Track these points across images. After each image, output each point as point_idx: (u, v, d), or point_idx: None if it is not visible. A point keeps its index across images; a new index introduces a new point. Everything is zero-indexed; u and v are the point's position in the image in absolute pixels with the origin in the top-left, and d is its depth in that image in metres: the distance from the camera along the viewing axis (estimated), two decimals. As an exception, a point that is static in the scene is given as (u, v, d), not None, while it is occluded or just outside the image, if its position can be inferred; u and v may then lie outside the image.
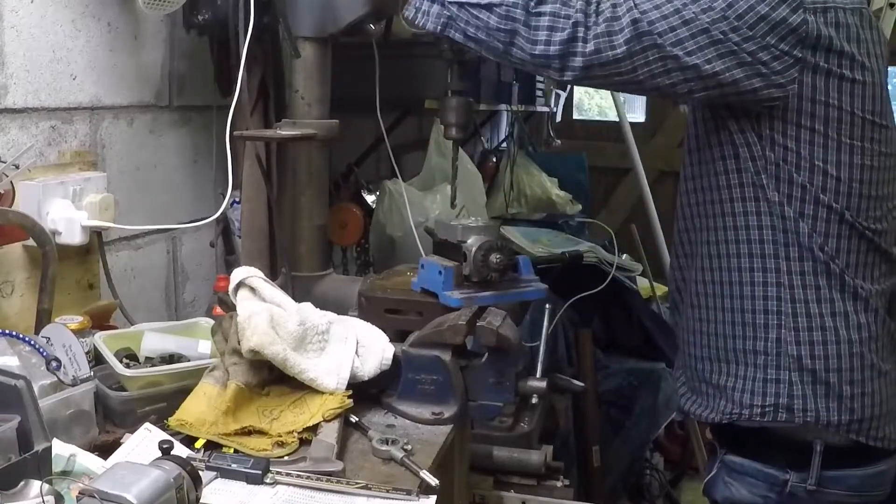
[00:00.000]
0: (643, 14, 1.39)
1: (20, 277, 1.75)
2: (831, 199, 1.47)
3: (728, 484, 1.59)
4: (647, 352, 3.11)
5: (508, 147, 4.08)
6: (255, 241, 2.07)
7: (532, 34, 1.42)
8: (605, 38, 1.40)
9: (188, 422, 1.36)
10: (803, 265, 1.49)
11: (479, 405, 1.52)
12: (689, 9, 1.39)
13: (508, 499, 1.83)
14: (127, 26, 2.05)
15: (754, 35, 1.39)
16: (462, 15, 1.48)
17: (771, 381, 1.52)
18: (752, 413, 1.54)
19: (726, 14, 1.38)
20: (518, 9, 1.43)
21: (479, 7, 1.46)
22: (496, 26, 1.45)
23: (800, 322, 1.50)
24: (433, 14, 1.52)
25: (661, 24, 1.39)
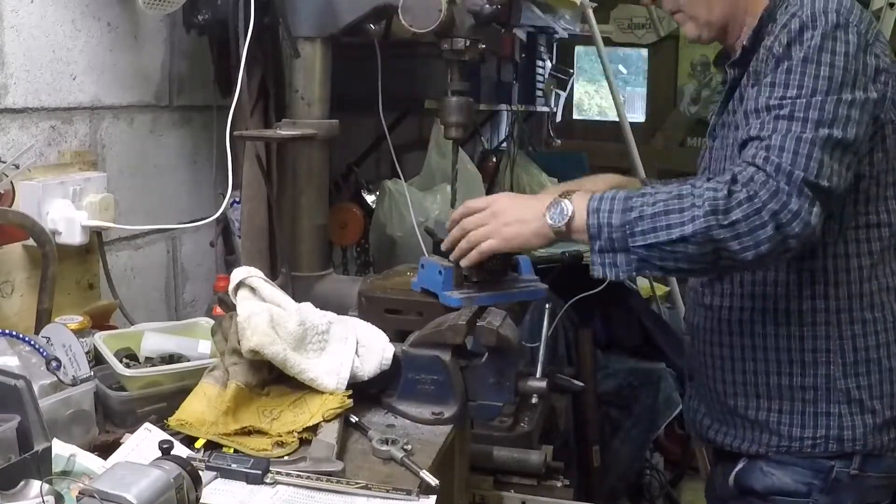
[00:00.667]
0: (808, 162, 1.35)
1: (20, 277, 1.75)
2: (886, 232, 1.53)
3: (768, 473, 1.60)
4: (647, 352, 3.11)
5: (508, 147, 4.08)
6: (255, 241, 2.07)
7: (737, 244, 1.34)
8: (804, 211, 1.34)
9: (188, 422, 1.36)
10: (852, 302, 1.53)
11: (479, 405, 1.52)
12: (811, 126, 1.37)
13: (508, 499, 1.83)
14: (127, 26, 2.05)
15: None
16: (654, 255, 1.39)
17: (821, 414, 1.55)
18: (802, 445, 1.56)
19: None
20: (712, 230, 1.34)
21: (672, 243, 1.37)
22: (697, 253, 1.37)
23: (848, 357, 1.54)
24: (622, 264, 1.42)
25: (823, 160, 1.36)
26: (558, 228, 1.46)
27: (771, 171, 1.35)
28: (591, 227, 1.43)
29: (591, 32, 3.68)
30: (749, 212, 1.33)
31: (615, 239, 1.41)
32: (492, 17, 1.80)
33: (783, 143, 1.36)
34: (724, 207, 1.34)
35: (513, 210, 1.53)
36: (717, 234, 1.34)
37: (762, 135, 1.39)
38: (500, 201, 1.57)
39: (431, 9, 1.73)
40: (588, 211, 1.43)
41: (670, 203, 1.38)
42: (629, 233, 1.39)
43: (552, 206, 1.47)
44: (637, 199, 1.41)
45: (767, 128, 1.39)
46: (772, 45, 1.45)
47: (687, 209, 1.36)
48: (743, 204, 1.34)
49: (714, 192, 1.35)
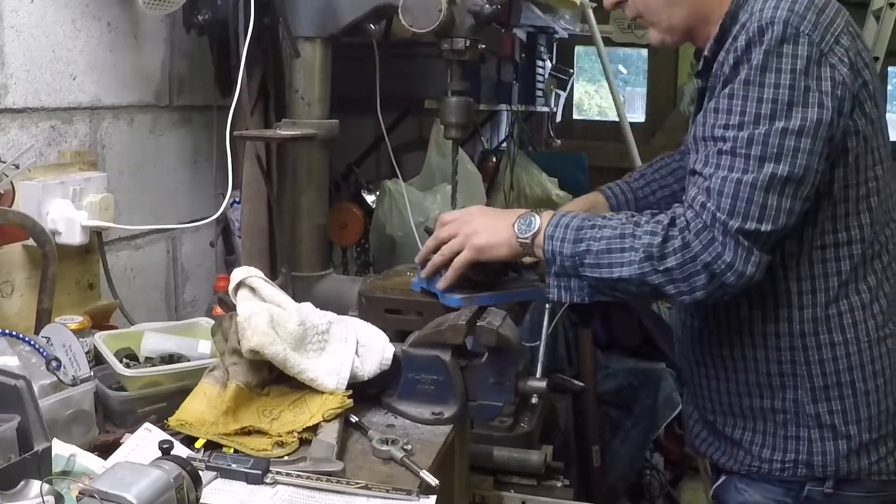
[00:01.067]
0: (733, 214, 1.33)
1: (20, 277, 1.75)
2: (858, 250, 1.46)
3: (741, 490, 1.58)
4: (647, 352, 3.11)
5: (508, 147, 4.08)
6: (255, 241, 2.07)
7: (673, 289, 1.37)
8: (738, 262, 1.33)
9: (188, 422, 1.36)
10: (817, 325, 1.48)
11: (479, 405, 1.52)
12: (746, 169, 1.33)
13: (508, 499, 1.82)
14: (127, 26, 2.05)
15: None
16: (603, 286, 1.44)
17: (791, 437, 1.52)
18: (771, 468, 1.54)
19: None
20: (647, 276, 1.37)
21: (613, 281, 1.41)
22: (637, 291, 1.42)
23: (816, 381, 1.49)
24: (576, 288, 1.47)
25: (749, 204, 1.33)
26: (524, 240, 1.50)
27: (707, 219, 1.34)
28: (546, 251, 1.47)
29: (591, 32, 3.68)
30: (682, 260, 1.35)
31: (567, 266, 1.45)
32: (492, 17, 1.80)
33: (722, 186, 1.34)
34: (659, 254, 1.36)
35: (483, 220, 1.57)
36: (651, 279, 1.37)
37: (705, 172, 1.37)
38: (471, 213, 1.60)
39: (431, 9, 1.73)
40: (544, 236, 1.48)
41: (613, 242, 1.40)
42: (579, 263, 1.44)
43: (522, 217, 1.51)
44: (588, 230, 1.44)
45: (710, 164, 1.36)
46: (724, 59, 1.39)
47: (627, 250, 1.39)
48: (677, 252, 1.35)
49: (651, 238, 1.37)
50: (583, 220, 1.46)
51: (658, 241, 1.36)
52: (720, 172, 1.35)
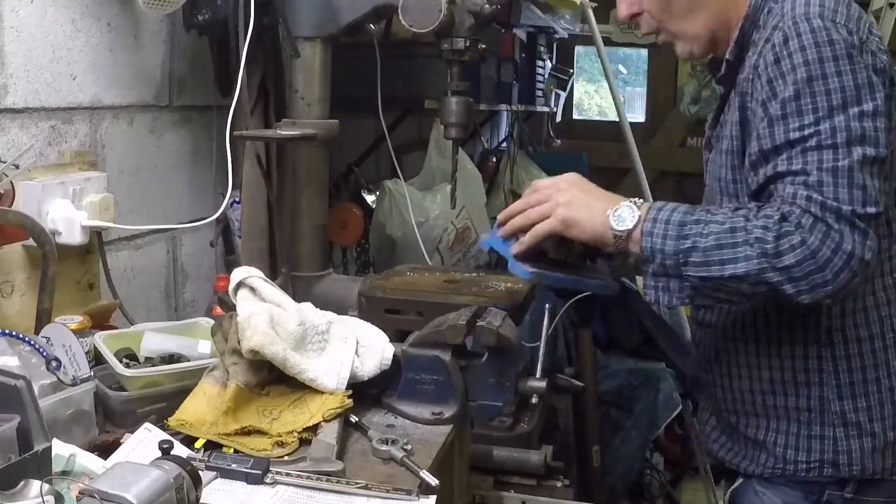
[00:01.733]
0: (846, 202, 1.28)
1: (20, 277, 1.75)
2: (885, 244, 1.43)
3: (760, 494, 1.57)
4: (647, 352, 3.11)
5: (508, 147, 4.08)
6: (255, 241, 2.07)
7: (792, 288, 1.28)
8: (857, 248, 1.27)
9: (188, 422, 1.36)
10: (845, 321, 1.46)
11: (479, 405, 1.52)
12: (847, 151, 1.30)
13: (508, 499, 1.82)
14: (127, 26, 2.05)
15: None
16: (708, 286, 1.33)
17: (815, 437, 1.50)
18: (796, 469, 1.51)
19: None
20: (765, 273, 1.28)
21: (725, 280, 1.30)
22: (751, 291, 1.32)
23: (842, 378, 1.48)
24: (675, 290, 1.36)
25: (851, 192, 1.28)
26: (619, 233, 1.38)
27: (817, 211, 1.28)
28: (644, 249, 1.36)
29: (591, 32, 3.68)
30: (801, 258, 1.27)
31: (668, 266, 1.34)
32: (492, 17, 1.80)
33: (822, 177, 1.29)
34: (774, 251, 1.27)
35: (580, 195, 1.44)
36: (769, 276, 1.28)
37: (795, 169, 1.31)
38: (570, 181, 1.47)
39: (431, 9, 1.73)
40: (642, 232, 1.36)
41: (723, 238, 1.31)
42: (682, 262, 1.33)
43: (621, 207, 1.39)
44: (692, 226, 1.34)
45: (798, 162, 1.31)
46: (756, 62, 1.38)
47: (741, 245, 1.29)
48: (795, 249, 1.27)
49: (764, 233, 1.28)
50: (684, 213, 1.36)
51: (772, 236, 1.28)
52: (815, 166, 1.30)
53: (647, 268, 1.38)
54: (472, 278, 1.89)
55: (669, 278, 1.36)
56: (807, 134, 1.31)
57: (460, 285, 1.82)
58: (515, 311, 1.65)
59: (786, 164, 1.33)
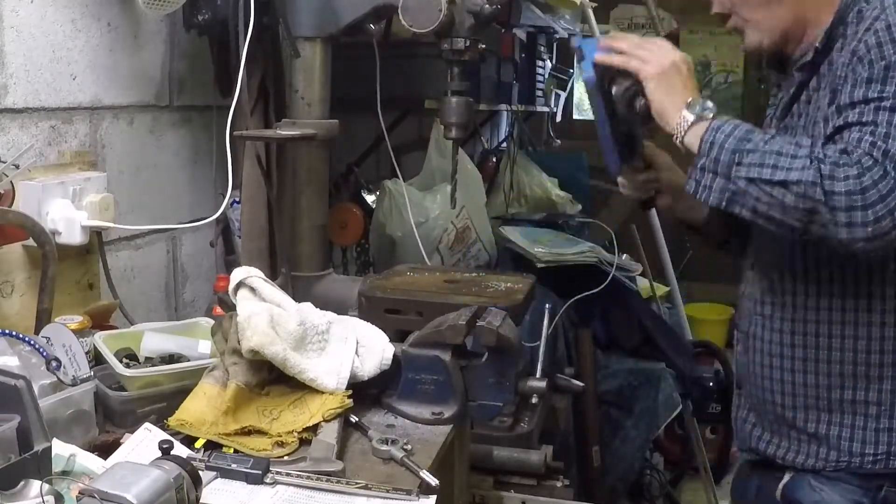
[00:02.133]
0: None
1: (20, 277, 1.75)
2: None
3: (817, 489, 1.56)
4: (647, 352, 3.11)
5: (508, 147, 4.08)
6: (255, 241, 2.07)
7: (830, 216, 1.30)
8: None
9: (188, 422, 1.36)
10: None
11: (479, 405, 1.52)
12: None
13: (508, 499, 1.82)
14: (127, 26, 2.05)
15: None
16: (752, 191, 1.35)
17: (883, 430, 1.50)
18: (862, 462, 1.51)
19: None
20: (814, 189, 1.30)
21: (771, 184, 1.33)
22: (792, 205, 1.32)
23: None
24: (716, 189, 1.39)
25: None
26: (686, 117, 1.44)
27: (878, 156, 1.30)
28: (704, 141, 1.40)
29: (592, 32, 3.67)
30: (851, 189, 1.29)
31: (721, 162, 1.38)
32: (492, 17, 1.80)
33: (889, 130, 1.32)
34: (830, 174, 1.30)
35: (678, 74, 1.50)
36: (815, 194, 1.30)
37: (865, 121, 1.34)
38: (666, 49, 1.52)
39: (431, 9, 1.73)
40: (709, 126, 1.41)
41: (786, 147, 1.35)
42: (737, 161, 1.36)
43: (704, 102, 1.45)
44: (758, 134, 1.39)
45: (869, 116, 1.34)
46: (855, 48, 1.41)
47: (799, 158, 1.32)
48: (849, 179, 1.29)
49: (824, 157, 1.31)
50: (752, 126, 1.41)
51: (830, 161, 1.31)
52: (885, 121, 1.33)
53: (698, 161, 1.42)
54: (472, 278, 1.89)
55: (716, 176, 1.39)
56: (885, 96, 1.35)
57: (460, 285, 1.82)
58: (515, 311, 1.65)
59: (856, 117, 1.36)
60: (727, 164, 1.38)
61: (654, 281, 3.68)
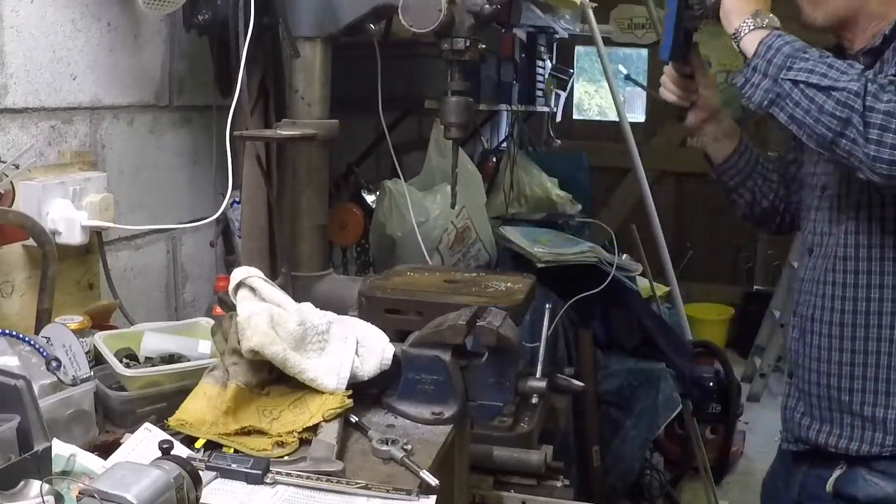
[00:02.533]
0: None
1: (20, 277, 1.75)
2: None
3: (870, 482, 1.56)
4: (647, 352, 3.11)
5: (508, 147, 4.08)
6: (255, 241, 2.07)
7: (865, 135, 1.35)
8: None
9: (188, 422, 1.36)
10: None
11: (479, 405, 1.52)
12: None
13: (508, 499, 1.82)
14: (127, 26, 2.05)
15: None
16: (794, 94, 1.41)
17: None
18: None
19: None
20: (855, 100, 1.35)
21: (816, 88, 1.39)
22: (830, 112, 1.38)
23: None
24: (762, 88, 1.46)
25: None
26: (746, 24, 1.49)
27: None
28: (762, 43, 1.46)
29: (591, 32, 3.68)
30: (891, 111, 1.33)
31: (773, 63, 1.43)
32: (492, 17, 1.80)
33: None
34: (874, 94, 1.34)
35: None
36: (854, 104, 1.35)
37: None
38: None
39: (431, 9, 1.73)
40: (771, 32, 1.47)
41: (837, 63, 1.40)
42: (788, 65, 1.42)
43: (770, 16, 1.50)
44: (815, 50, 1.44)
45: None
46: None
47: (850, 74, 1.37)
48: (891, 104, 1.34)
49: (875, 80, 1.36)
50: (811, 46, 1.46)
51: (876, 85, 1.35)
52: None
53: (752, 61, 1.47)
54: (472, 278, 1.89)
55: (765, 77, 1.45)
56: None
57: (460, 285, 1.82)
58: (515, 311, 1.65)
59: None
60: (779, 66, 1.43)
61: (654, 281, 3.69)
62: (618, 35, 6.11)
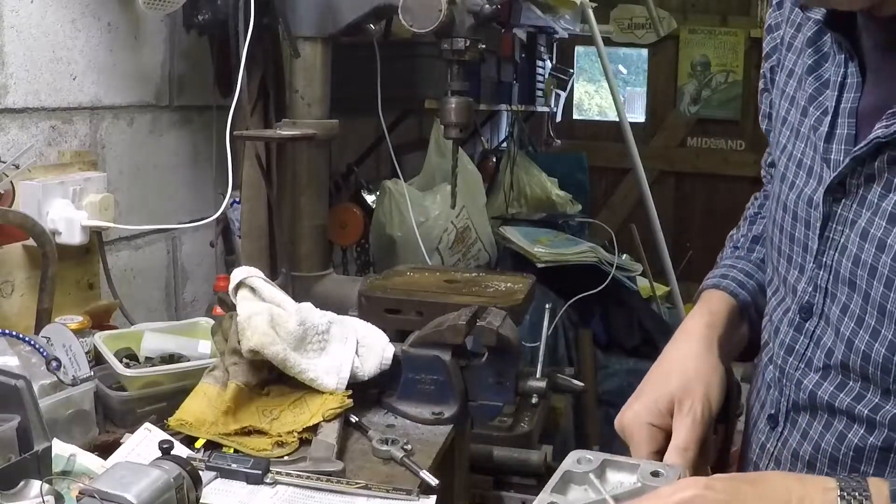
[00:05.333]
0: None
1: (20, 277, 1.75)
2: None
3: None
4: (647, 352, 3.11)
5: (508, 147, 4.09)
6: (255, 241, 2.07)
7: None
8: None
9: (188, 422, 1.36)
10: None
11: (479, 405, 1.52)
12: None
13: (508, 499, 1.82)
14: (127, 26, 2.05)
15: None
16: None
17: None
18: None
19: None
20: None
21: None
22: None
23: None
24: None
25: None
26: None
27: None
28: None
29: (591, 32, 3.68)
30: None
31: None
32: (492, 17, 1.80)
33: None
34: None
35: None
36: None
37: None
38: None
39: (431, 9, 1.73)
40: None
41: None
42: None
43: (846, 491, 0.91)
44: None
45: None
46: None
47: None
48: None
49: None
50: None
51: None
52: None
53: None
54: (472, 278, 1.89)
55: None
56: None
57: (460, 285, 1.83)
58: (515, 311, 1.65)
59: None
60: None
61: (654, 281, 3.69)
62: (618, 35, 6.12)
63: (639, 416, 1.19)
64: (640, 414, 1.19)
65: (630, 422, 1.20)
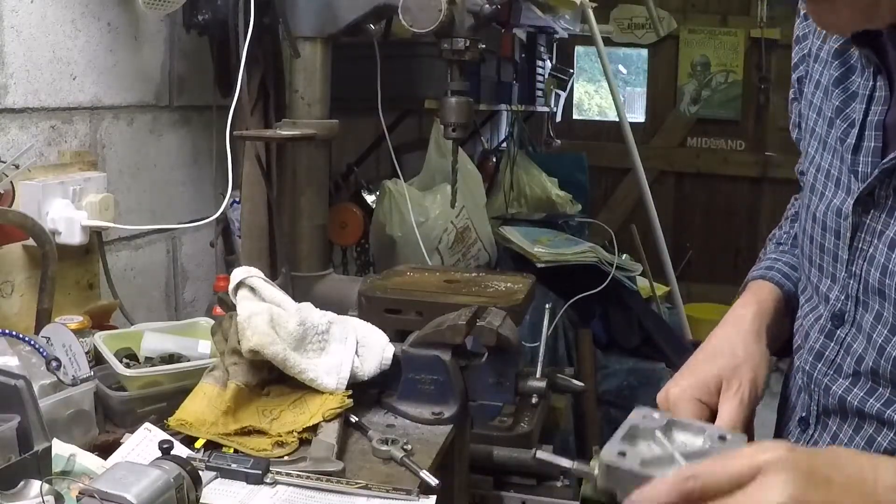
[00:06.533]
0: None
1: (20, 277, 1.75)
2: None
3: None
4: (647, 352, 3.12)
5: (508, 147, 4.09)
6: (255, 241, 2.07)
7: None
8: None
9: (188, 422, 1.36)
10: None
11: (479, 405, 1.52)
12: None
13: (508, 499, 1.82)
14: (127, 26, 2.05)
15: None
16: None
17: None
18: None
19: None
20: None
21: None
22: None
23: None
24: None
25: None
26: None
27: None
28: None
29: (591, 32, 3.68)
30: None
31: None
32: (492, 17, 1.80)
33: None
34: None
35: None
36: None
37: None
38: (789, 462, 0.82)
39: (431, 9, 1.73)
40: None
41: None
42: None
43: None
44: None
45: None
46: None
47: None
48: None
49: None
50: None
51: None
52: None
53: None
54: (472, 278, 1.89)
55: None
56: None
57: (460, 285, 1.83)
58: (515, 311, 1.65)
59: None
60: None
61: (654, 281, 3.69)
62: (618, 35, 6.12)
63: (686, 391, 1.20)
64: (687, 389, 1.20)
65: (677, 396, 1.21)
